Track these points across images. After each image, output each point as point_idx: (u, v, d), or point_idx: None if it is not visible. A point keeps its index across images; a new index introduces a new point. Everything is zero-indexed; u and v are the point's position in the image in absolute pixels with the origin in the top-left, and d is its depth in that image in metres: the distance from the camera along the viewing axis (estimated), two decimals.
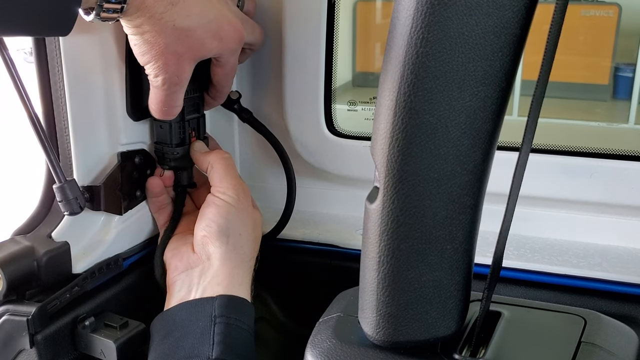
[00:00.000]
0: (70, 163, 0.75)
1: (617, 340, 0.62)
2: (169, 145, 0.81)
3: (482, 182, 0.53)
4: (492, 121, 0.50)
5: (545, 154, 0.86)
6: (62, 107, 0.74)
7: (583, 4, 1.65)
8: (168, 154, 0.82)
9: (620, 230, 0.87)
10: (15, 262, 0.69)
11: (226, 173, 0.80)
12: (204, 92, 0.84)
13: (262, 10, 0.94)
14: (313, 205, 1.01)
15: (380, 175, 0.53)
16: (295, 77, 0.93)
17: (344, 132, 0.96)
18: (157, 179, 0.84)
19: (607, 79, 1.66)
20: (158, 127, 0.82)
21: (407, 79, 0.50)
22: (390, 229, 0.54)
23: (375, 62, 1.36)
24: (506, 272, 0.81)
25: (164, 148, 0.82)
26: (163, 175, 0.84)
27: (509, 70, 0.49)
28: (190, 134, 0.83)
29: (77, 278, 0.74)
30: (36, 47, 0.73)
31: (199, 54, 0.71)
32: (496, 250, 0.56)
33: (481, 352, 0.60)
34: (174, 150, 0.81)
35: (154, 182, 0.83)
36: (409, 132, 0.51)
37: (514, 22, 0.47)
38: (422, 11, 0.48)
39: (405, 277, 0.55)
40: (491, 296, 0.58)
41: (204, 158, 0.82)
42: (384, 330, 0.58)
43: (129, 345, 0.71)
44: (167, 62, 0.69)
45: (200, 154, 0.83)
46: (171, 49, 0.68)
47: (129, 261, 0.83)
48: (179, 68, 0.70)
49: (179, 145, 0.82)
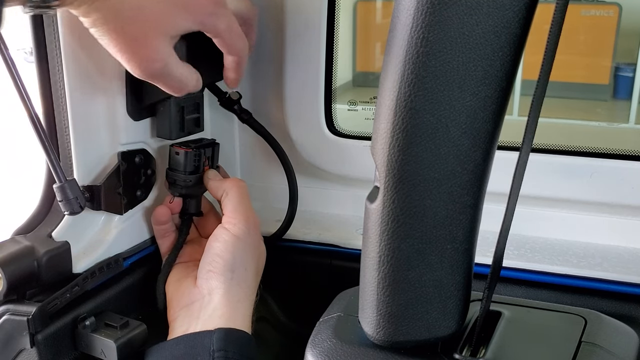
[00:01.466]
0: (71, 163, 0.75)
1: (617, 340, 0.62)
2: (183, 173, 0.81)
3: (483, 181, 0.53)
4: (492, 121, 0.50)
5: (545, 153, 0.86)
6: (62, 107, 0.74)
7: (583, 3, 1.65)
8: (180, 181, 0.82)
9: (621, 230, 0.87)
10: (15, 262, 0.69)
11: (240, 203, 0.80)
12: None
13: (262, 10, 0.94)
14: (313, 205, 1.01)
15: (381, 175, 0.53)
16: (295, 77, 0.93)
17: (344, 132, 0.96)
18: (165, 208, 0.83)
19: (607, 79, 1.66)
20: (174, 154, 0.82)
21: (407, 79, 0.50)
22: (391, 228, 0.54)
23: (376, 61, 1.36)
24: (506, 272, 0.81)
25: (177, 175, 0.82)
26: (172, 202, 0.83)
27: (509, 70, 0.49)
28: (204, 162, 0.83)
29: (77, 278, 0.74)
30: (36, 47, 0.73)
31: (167, 29, 0.66)
32: (496, 250, 0.56)
33: (481, 352, 0.60)
34: (187, 178, 0.81)
35: (162, 211, 0.83)
36: (409, 132, 0.51)
37: (515, 21, 0.47)
38: (422, 11, 0.48)
39: (406, 277, 0.55)
40: (491, 296, 0.58)
41: (219, 185, 0.81)
42: (384, 330, 0.58)
43: (130, 345, 0.71)
44: (131, 47, 0.64)
45: (215, 181, 0.82)
46: (129, 32, 0.63)
47: (129, 261, 0.83)
48: (150, 49, 0.65)
49: (192, 173, 0.82)
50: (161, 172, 0.86)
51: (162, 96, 0.79)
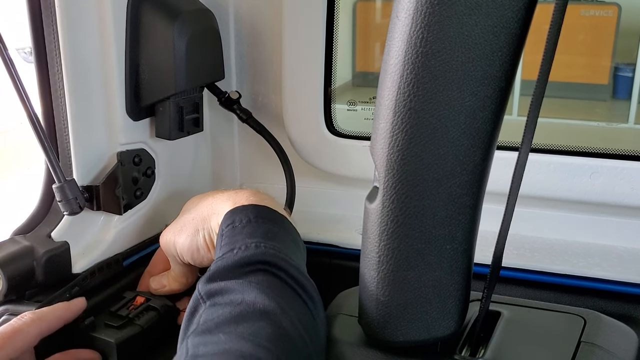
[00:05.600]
0: (70, 163, 0.75)
1: (616, 340, 0.62)
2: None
3: (482, 181, 0.53)
4: (491, 121, 0.50)
5: (545, 153, 0.86)
6: (62, 107, 0.74)
7: (583, 3, 1.65)
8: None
9: (620, 230, 0.87)
10: (15, 262, 0.69)
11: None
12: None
13: (262, 11, 0.94)
14: (313, 205, 1.01)
15: (380, 175, 0.53)
16: (295, 77, 0.93)
17: (344, 132, 0.96)
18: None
19: (606, 79, 1.66)
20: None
21: (406, 79, 0.50)
22: (390, 228, 0.54)
23: (375, 61, 1.36)
24: (506, 272, 0.81)
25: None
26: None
27: (508, 70, 0.49)
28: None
29: (76, 278, 0.74)
30: (36, 47, 0.73)
31: None
32: (496, 249, 0.56)
33: (481, 351, 0.60)
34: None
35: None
36: (409, 132, 0.51)
37: (514, 21, 0.47)
38: (421, 11, 0.48)
39: (405, 277, 0.55)
40: (491, 296, 0.58)
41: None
42: (384, 330, 0.58)
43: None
44: None
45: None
46: None
47: (128, 261, 0.83)
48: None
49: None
50: (161, 172, 0.86)
51: (162, 96, 0.79)
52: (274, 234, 0.65)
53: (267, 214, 0.67)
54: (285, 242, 0.65)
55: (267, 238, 0.63)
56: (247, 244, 0.62)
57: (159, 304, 0.75)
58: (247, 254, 0.61)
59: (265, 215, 0.67)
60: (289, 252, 0.63)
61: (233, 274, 0.59)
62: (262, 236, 0.63)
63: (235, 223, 0.65)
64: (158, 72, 0.79)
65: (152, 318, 0.73)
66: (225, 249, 0.63)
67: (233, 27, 0.96)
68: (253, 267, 0.60)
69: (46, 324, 0.66)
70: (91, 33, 0.74)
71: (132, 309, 0.74)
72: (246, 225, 0.65)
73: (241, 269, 0.60)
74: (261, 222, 0.65)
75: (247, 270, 0.60)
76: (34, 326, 0.65)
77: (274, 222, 0.67)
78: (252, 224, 0.65)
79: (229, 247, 0.62)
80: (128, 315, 0.72)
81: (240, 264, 0.60)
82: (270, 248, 0.62)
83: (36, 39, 0.73)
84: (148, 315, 0.74)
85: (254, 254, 0.61)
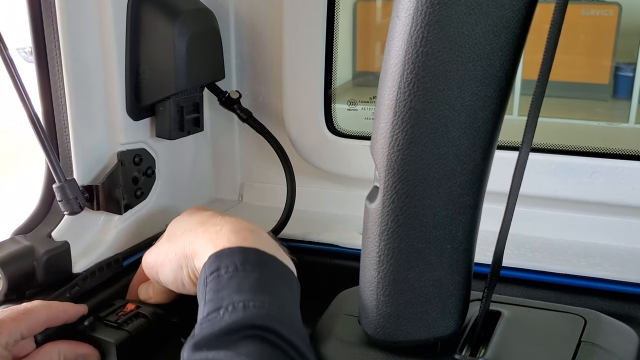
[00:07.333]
0: (70, 162, 0.75)
1: (617, 339, 0.62)
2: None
3: (482, 181, 0.53)
4: (492, 121, 0.50)
5: (545, 153, 0.86)
6: (62, 107, 0.74)
7: (583, 3, 1.65)
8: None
9: (620, 229, 0.87)
10: (15, 262, 0.69)
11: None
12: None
13: (262, 10, 0.94)
14: (313, 205, 1.01)
15: (380, 175, 0.53)
16: (295, 77, 0.93)
17: (344, 131, 0.96)
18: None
19: (607, 79, 1.66)
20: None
21: (407, 79, 0.50)
22: (390, 228, 0.54)
23: (376, 61, 1.36)
24: (506, 272, 0.81)
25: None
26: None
27: (509, 69, 0.49)
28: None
29: (77, 277, 0.74)
30: (36, 47, 0.73)
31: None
32: (496, 249, 0.56)
33: (481, 351, 0.60)
34: None
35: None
36: (409, 132, 0.51)
37: (514, 21, 0.47)
38: (422, 10, 0.48)
39: (405, 277, 0.55)
40: (491, 296, 0.58)
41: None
42: (384, 330, 0.58)
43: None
44: None
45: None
46: None
47: (128, 260, 0.83)
48: None
49: None
50: (161, 171, 0.86)
51: (162, 96, 0.79)
52: (263, 285, 0.60)
53: (254, 257, 0.62)
54: (277, 291, 0.61)
55: (256, 291, 0.59)
56: (235, 302, 0.57)
57: (149, 312, 0.74)
58: (234, 319, 0.56)
59: (252, 259, 0.62)
60: (281, 304, 0.59)
61: (221, 343, 0.55)
62: (251, 290, 0.58)
63: (221, 271, 0.61)
64: (158, 71, 0.79)
65: (141, 324, 0.72)
66: (210, 306, 0.58)
67: (233, 26, 0.96)
68: (242, 333, 0.55)
69: (54, 312, 0.67)
70: (91, 33, 0.74)
71: (122, 315, 0.72)
72: (233, 276, 0.60)
73: (229, 336, 0.55)
74: (249, 269, 0.61)
75: (235, 337, 0.55)
76: (44, 311, 0.66)
77: (263, 266, 0.62)
78: (239, 274, 0.60)
79: (215, 306, 0.58)
80: (117, 321, 0.71)
81: (228, 330, 0.55)
82: (260, 307, 0.57)
83: (36, 39, 0.73)
84: (137, 321, 0.72)
85: (242, 317, 0.56)
